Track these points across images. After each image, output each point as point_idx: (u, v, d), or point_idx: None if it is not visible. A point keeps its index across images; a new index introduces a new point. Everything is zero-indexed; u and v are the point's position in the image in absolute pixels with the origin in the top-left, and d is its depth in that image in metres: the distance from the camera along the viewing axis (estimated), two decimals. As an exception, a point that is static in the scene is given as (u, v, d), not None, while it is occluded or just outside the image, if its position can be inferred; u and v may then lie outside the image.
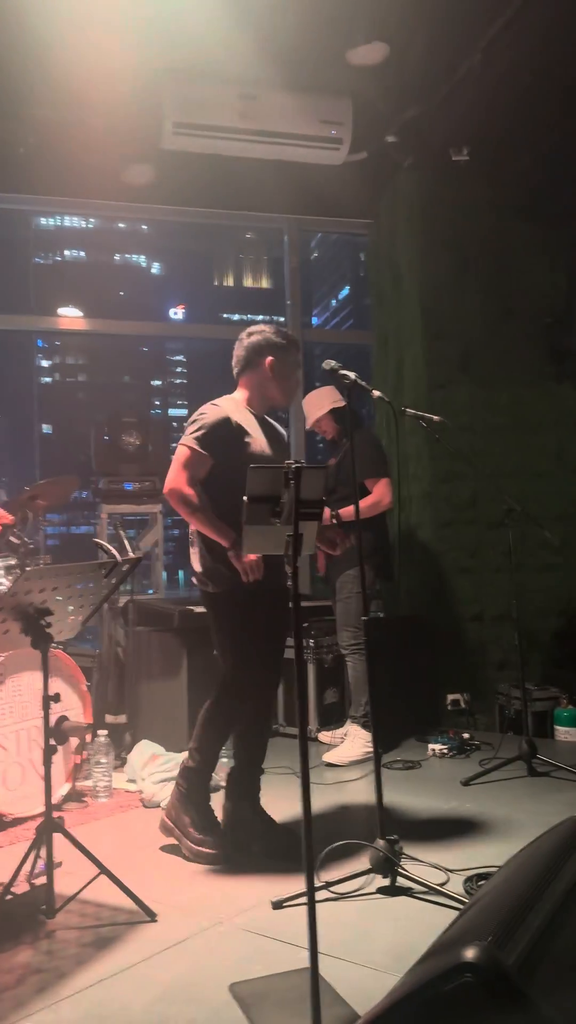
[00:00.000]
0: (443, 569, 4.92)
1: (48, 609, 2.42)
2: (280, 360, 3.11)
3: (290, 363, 3.16)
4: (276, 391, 3.13)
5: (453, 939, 1.47)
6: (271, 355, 3.10)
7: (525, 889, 1.56)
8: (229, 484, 2.84)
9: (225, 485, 2.88)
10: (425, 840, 3.00)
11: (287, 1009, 1.91)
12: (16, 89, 4.50)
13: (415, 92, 4.66)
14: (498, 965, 1.25)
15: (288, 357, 3.15)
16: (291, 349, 3.16)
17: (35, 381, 51.99)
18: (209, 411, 3.01)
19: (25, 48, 4.15)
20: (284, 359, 3.13)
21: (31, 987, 2.07)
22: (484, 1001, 1.26)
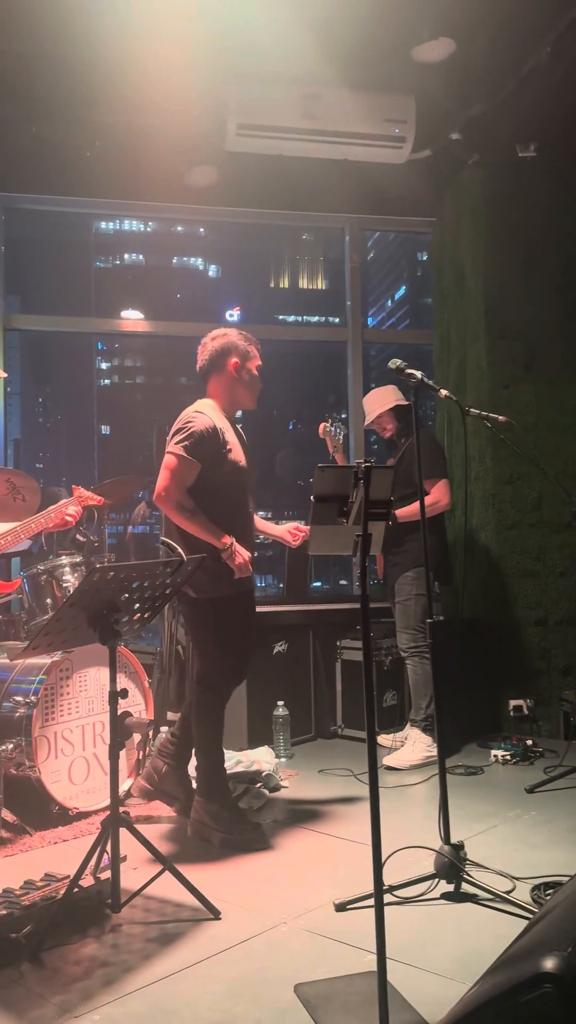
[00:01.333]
0: (506, 572, 4.84)
1: (116, 606, 2.45)
2: (244, 361, 3.25)
3: (253, 365, 3.28)
4: (243, 393, 3.27)
5: (528, 948, 1.43)
6: (235, 357, 3.23)
7: (603, 900, 1.51)
8: (211, 490, 3.08)
9: (207, 491, 3.06)
10: (490, 847, 2.95)
11: (353, 1012, 1.90)
12: (83, 94, 4.58)
13: (481, 88, 4.60)
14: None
15: (251, 359, 3.28)
16: (253, 351, 3.28)
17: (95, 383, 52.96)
18: (196, 419, 3.10)
19: (92, 54, 4.21)
20: (247, 361, 3.26)
21: (98, 980, 2.10)
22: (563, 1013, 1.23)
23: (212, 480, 3.08)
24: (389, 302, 50.36)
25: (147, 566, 2.54)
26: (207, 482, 3.06)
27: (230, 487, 3.14)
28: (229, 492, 3.14)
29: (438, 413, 5.52)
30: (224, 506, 3.11)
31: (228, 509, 3.13)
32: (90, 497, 3.25)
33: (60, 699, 3.35)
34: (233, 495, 3.17)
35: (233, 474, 3.14)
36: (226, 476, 3.12)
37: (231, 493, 3.15)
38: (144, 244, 53.74)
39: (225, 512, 3.10)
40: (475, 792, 3.65)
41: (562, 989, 1.21)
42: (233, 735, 4.14)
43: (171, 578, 2.64)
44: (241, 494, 3.20)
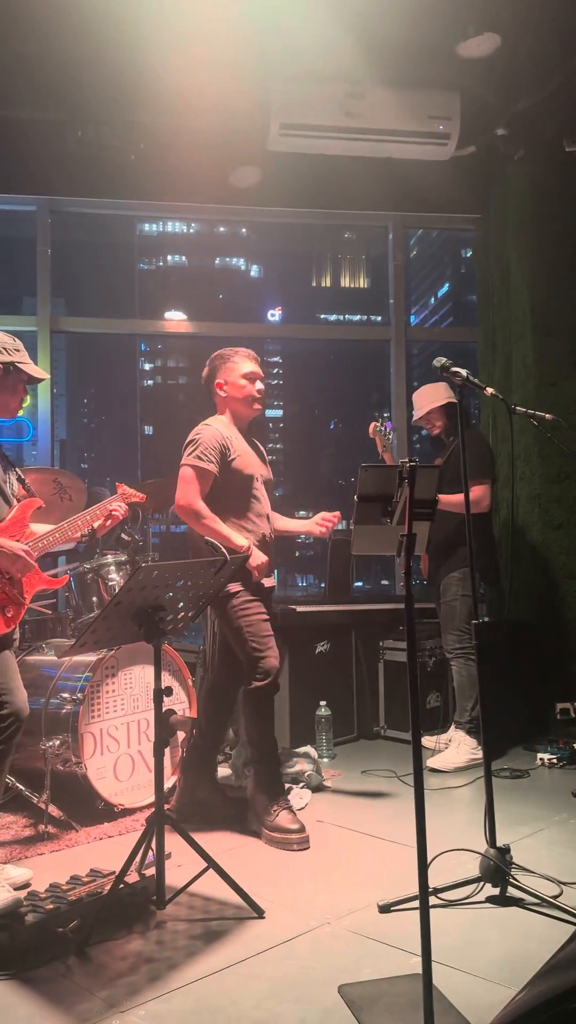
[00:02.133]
0: (553, 573, 4.77)
1: (161, 604, 2.47)
2: (226, 376, 3.35)
3: (236, 375, 3.34)
4: (237, 405, 3.36)
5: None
6: (219, 377, 3.36)
7: None
8: (219, 497, 3.23)
9: (215, 498, 3.21)
10: (536, 850, 2.91)
11: (398, 1014, 1.89)
12: (128, 98, 4.62)
13: (527, 83, 4.54)
14: (631, 986, 1.20)
15: (234, 371, 3.34)
16: (234, 361, 3.35)
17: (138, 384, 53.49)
18: (204, 431, 3.26)
19: (136, 58, 4.25)
20: (231, 374, 3.34)
21: (143, 975, 2.12)
22: (614, 1022, 1.21)
23: (220, 487, 3.23)
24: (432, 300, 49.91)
25: (191, 565, 2.55)
26: (215, 489, 3.21)
27: (238, 494, 3.26)
28: (237, 499, 3.26)
29: (483, 412, 5.46)
30: (232, 513, 3.25)
31: (236, 516, 3.26)
32: (133, 494, 3.27)
33: (106, 696, 3.39)
34: (241, 502, 3.28)
35: (241, 482, 3.26)
36: (234, 484, 3.25)
37: (239, 500, 3.27)
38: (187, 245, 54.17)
39: (234, 519, 3.24)
40: (521, 795, 3.60)
41: (613, 997, 1.19)
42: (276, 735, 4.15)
43: (215, 577, 2.66)
44: (249, 501, 3.29)
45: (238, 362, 3.36)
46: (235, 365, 3.36)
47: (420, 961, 1.74)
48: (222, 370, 3.38)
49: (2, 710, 2.56)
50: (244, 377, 3.35)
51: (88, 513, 2.99)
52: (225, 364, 3.37)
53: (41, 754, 3.17)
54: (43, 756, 3.16)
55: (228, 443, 3.25)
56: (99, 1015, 1.94)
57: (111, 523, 3.03)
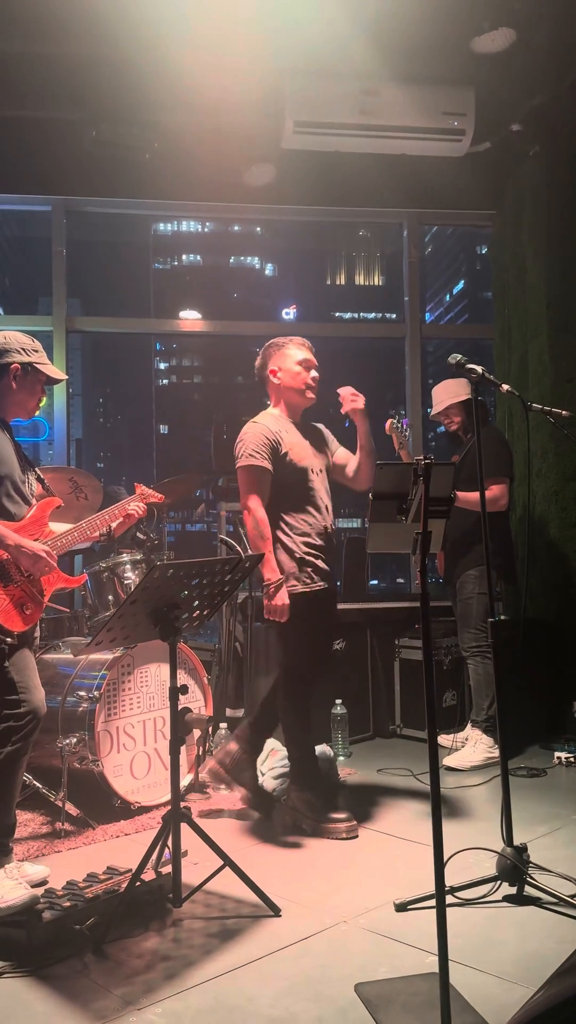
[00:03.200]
0: (570, 570, 4.74)
1: (176, 603, 2.47)
2: (279, 363, 3.29)
3: (290, 362, 3.28)
4: (290, 395, 3.29)
5: (596, 955, 1.41)
6: (272, 365, 3.31)
7: None
8: (274, 495, 3.19)
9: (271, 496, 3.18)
10: (553, 849, 2.90)
11: (415, 1013, 1.88)
12: (142, 97, 4.63)
13: (542, 77, 4.52)
14: None
15: (287, 358, 3.28)
16: (288, 349, 3.29)
17: (153, 383, 53.77)
18: (249, 430, 3.22)
19: (151, 57, 4.26)
20: (284, 361, 3.29)
21: (160, 973, 2.12)
22: (633, 1023, 1.20)
23: (275, 483, 3.19)
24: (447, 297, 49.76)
25: (206, 563, 2.55)
26: (272, 486, 3.18)
27: (293, 488, 3.21)
28: (292, 494, 3.21)
29: (499, 409, 5.44)
30: (290, 508, 3.20)
31: (294, 511, 3.21)
32: (152, 494, 3.28)
33: (122, 694, 3.40)
34: (297, 496, 3.23)
35: (295, 476, 3.21)
36: (288, 478, 3.20)
37: (295, 495, 3.22)
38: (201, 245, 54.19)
39: (293, 514, 3.19)
40: (538, 794, 3.58)
41: (632, 998, 1.18)
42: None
43: (230, 575, 2.66)
44: (306, 494, 3.25)
45: (292, 349, 3.31)
46: (289, 352, 3.31)
47: (437, 960, 1.74)
48: (275, 357, 3.33)
49: (20, 708, 2.57)
50: (299, 364, 3.29)
51: (107, 512, 3.00)
52: (279, 351, 3.32)
53: (58, 752, 3.19)
54: (60, 754, 3.18)
55: (278, 437, 3.20)
56: (116, 1012, 1.95)
57: (129, 523, 3.04)
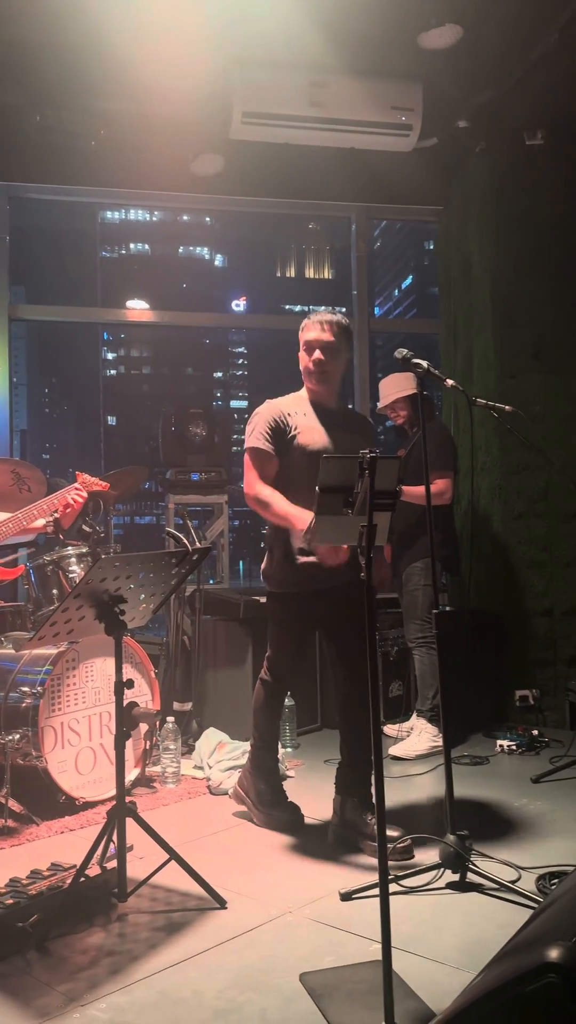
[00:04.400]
0: (512, 563, 4.83)
1: (122, 596, 2.45)
2: (304, 335, 3.08)
3: (301, 344, 3.09)
4: (305, 379, 3.13)
5: (533, 938, 1.44)
6: (301, 339, 3.11)
7: (608, 890, 1.51)
8: (283, 480, 3.00)
9: (279, 481, 3.01)
10: (495, 837, 2.96)
11: (359, 1001, 1.90)
12: (88, 83, 4.55)
13: (488, 75, 4.56)
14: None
15: (301, 339, 3.09)
16: (305, 331, 3.08)
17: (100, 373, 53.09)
18: (257, 411, 3.09)
19: (97, 42, 4.19)
20: (307, 332, 3.08)
21: (104, 968, 2.11)
22: (567, 1003, 1.23)
23: (284, 467, 3.00)
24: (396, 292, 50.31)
25: (152, 556, 2.54)
26: (282, 470, 3.01)
27: (301, 473, 2.90)
28: (301, 479, 2.86)
29: (445, 403, 5.50)
30: (300, 494, 2.86)
31: (304, 496, 2.80)
32: (95, 482, 3.23)
33: (67, 689, 3.36)
34: (307, 482, 2.71)
35: (304, 460, 2.94)
36: (296, 462, 2.97)
37: (304, 480, 2.80)
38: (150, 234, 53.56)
39: (300, 501, 2.86)
40: (481, 782, 3.65)
41: (566, 979, 1.21)
42: (239, 725, 4.15)
43: (177, 568, 2.64)
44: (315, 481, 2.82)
45: (303, 332, 3.09)
46: (302, 334, 3.10)
47: (381, 948, 1.76)
48: (301, 339, 3.11)
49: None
50: (303, 348, 3.09)
51: (45, 502, 2.95)
52: (301, 332, 3.11)
53: (0, 748, 3.14)
54: (3, 750, 3.13)
55: (286, 419, 3.01)
56: (59, 1009, 1.93)
57: (73, 513, 3.00)
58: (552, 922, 1.49)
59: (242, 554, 40.40)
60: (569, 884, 1.73)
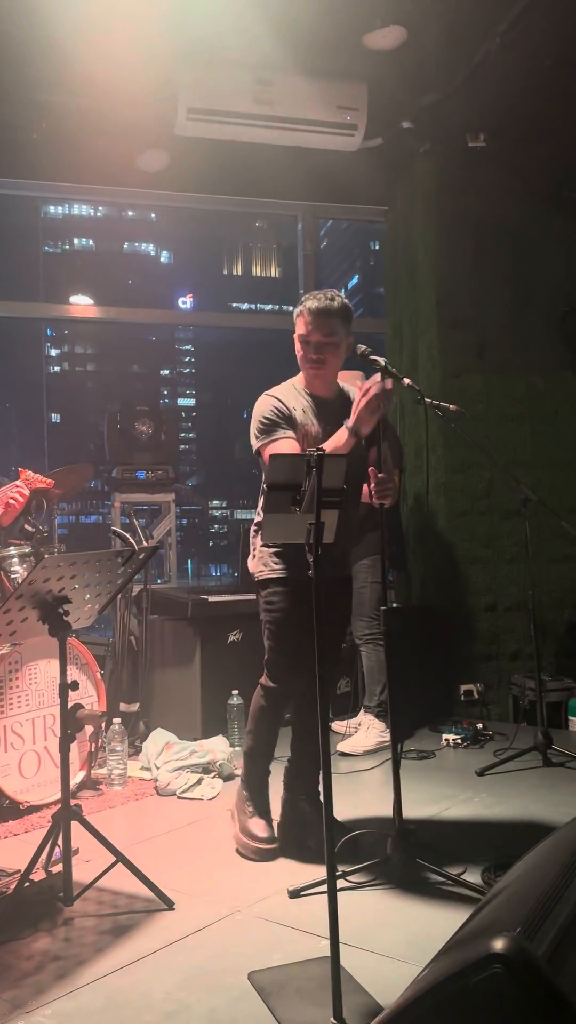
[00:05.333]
0: (457, 559, 4.90)
1: (66, 597, 2.41)
2: (298, 329, 2.84)
3: (303, 331, 2.82)
4: (301, 367, 2.89)
5: (478, 930, 1.46)
6: (296, 330, 2.86)
7: (551, 880, 1.54)
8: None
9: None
10: (442, 830, 3.00)
11: (307, 998, 1.91)
12: (30, 74, 4.46)
13: (432, 77, 4.61)
14: (528, 956, 1.24)
15: (300, 324, 2.83)
16: (297, 317, 2.83)
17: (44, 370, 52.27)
18: (258, 403, 2.86)
19: (40, 33, 4.11)
20: (300, 327, 2.84)
21: (50, 974, 2.08)
22: (513, 993, 1.25)
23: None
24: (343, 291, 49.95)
25: (98, 556, 2.50)
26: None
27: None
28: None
29: (391, 402, 5.55)
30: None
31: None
32: (38, 480, 3.16)
33: (9, 692, 3.30)
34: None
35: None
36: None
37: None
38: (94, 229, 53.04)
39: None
40: (427, 776, 3.69)
41: (511, 969, 1.23)
42: (187, 726, 4.13)
43: (123, 567, 2.61)
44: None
45: (298, 321, 2.85)
46: (297, 323, 2.85)
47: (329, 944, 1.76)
48: (296, 324, 2.86)
49: None
50: (299, 340, 2.85)
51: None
52: (294, 320, 2.87)
53: None
54: (-56, 755, 3.05)
55: (285, 408, 2.81)
56: (4, 1017, 1.89)
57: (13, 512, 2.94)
58: (497, 913, 1.51)
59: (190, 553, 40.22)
60: (513, 876, 1.76)
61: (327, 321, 2.80)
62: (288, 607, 2.83)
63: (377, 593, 4.07)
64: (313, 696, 2.90)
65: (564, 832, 1.86)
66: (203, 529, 44.20)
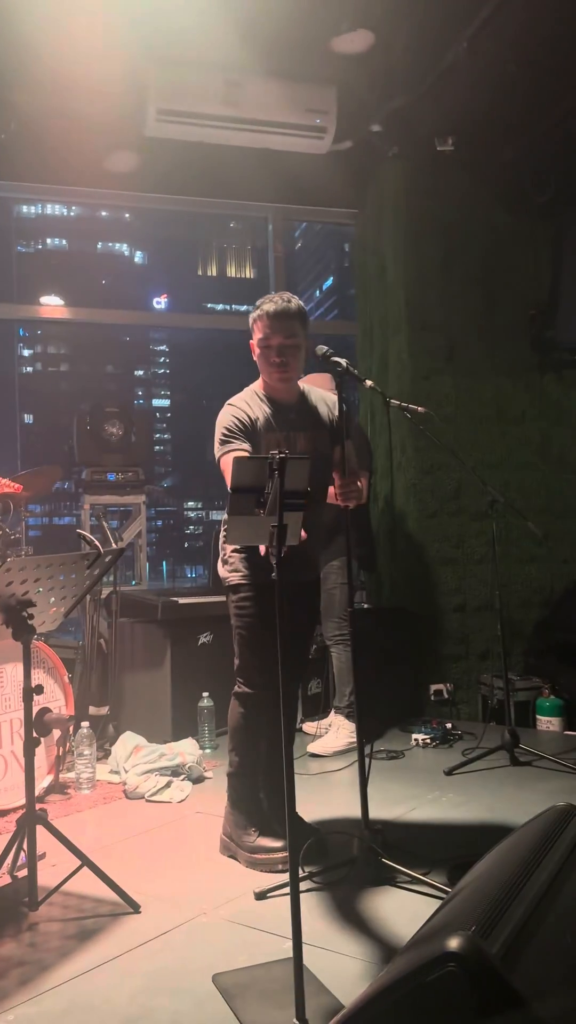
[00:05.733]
0: (427, 560, 4.93)
1: (30, 600, 2.40)
2: (256, 334, 2.82)
3: (261, 335, 2.79)
4: (262, 372, 2.86)
5: (436, 929, 1.47)
6: (253, 335, 2.84)
7: (508, 879, 1.56)
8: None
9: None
10: (409, 830, 3.02)
11: (271, 999, 1.91)
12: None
13: (400, 81, 4.63)
14: (482, 955, 1.25)
15: (256, 332, 2.81)
16: (257, 320, 2.80)
17: (16, 370, 51.82)
18: (220, 416, 2.82)
19: (8, 33, 4.09)
20: (255, 335, 2.83)
21: (13, 979, 2.06)
22: (467, 991, 1.27)
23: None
24: (317, 292, 50.56)
25: (63, 558, 2.49)
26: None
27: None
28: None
29: (362, 403, 5.57)
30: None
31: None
32: (6, 484, 3.14)
33: (-24, 696, 3.27)
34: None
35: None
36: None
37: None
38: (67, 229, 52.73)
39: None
40: (396, 775, 3.72)
41: (465, 967, 1.25)
42: (156, 729, 4.12)
43: (89, 570, 2.60)
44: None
45: (256, 325, 2.81)
46: (255, 326, 2.81)
47: (291, 945, 1.77)
48: (254, 327, 2.82)
49: None
50: (259, 344, 2.81)
51: None
52: (251, 324, 2.83)
53: None
54: None
55: (246, 416, 2.78)
56: (-35, 1025, 1.88)
57: None
58: (454, 912, 1.53)
59: (165, 555, 40.03)
60: (473, 875, 1.78)
61: (287, 323, 2.78)
62: (258, 611, 2.81)
63: (346, 594, 4.08)
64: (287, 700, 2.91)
65: (524, 831, 1.88)
66: (178, 531, 44.13)
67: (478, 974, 1.25)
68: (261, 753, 2.88)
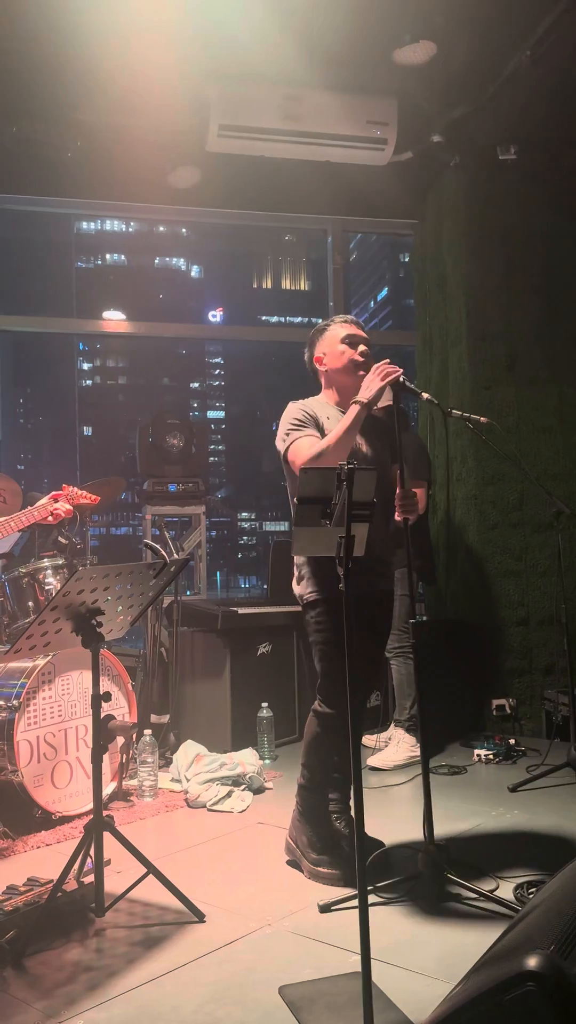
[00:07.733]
0: (489, 572, 4.87)
1: (99, 608, 2.44)
2: (324, 348, 2.95)
3: (334, 343, 2.92)
4: (340, 377, 2.92)
5: (512, 947, 1.44)
6: (317, 352, 2.98)
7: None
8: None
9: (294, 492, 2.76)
10: (473, 846, 2.97)
11: (338, 1013, 1.90)
12: (65, 95, 4.56)
13: (462, 91, 4.62)
14: (562, 974, 1.23)
15: (335, 340, 2.93)
16: (334, 329, 2.95)
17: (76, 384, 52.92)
18: (288, 411, 2.87)
19: (75, 55, 4.20)
20: (327, 344, 2.94)
21: (82, 985, 2.09)
22: (546, 1011, 1.24)
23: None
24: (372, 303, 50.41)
25: (130, 568, 2.53)
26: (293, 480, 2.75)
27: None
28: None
29: (420, 414, 5.54)
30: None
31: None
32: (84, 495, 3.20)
33: (42, 703, 3.33)
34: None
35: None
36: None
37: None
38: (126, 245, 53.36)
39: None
40: (458, 791, 3.66)
41: (544, 987, 1.22)
42: (216, 738, 4.14)
43: (155, 580, 2.64)
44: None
45: (335, 328, 2.96)
46: (333, 333, 2.95)
47: (360, 959, 1.75)
48: (319, 343, 2.98)
49: None
50: (343, 342, 2.92)
51: (36, 510, 2.94)
52: (322, 335, 2.98)
53: (-24, 762, 3.10)
54: (-22, 764, 3.09)
55: (316, 419, 2.83)
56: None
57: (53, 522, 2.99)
58: (530, 931, 1.50)
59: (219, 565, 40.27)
60: (546, 893, 1.74)
61: (362, 332, 2.96)
62: (339, 626, 2.78)
63: (406, 606, 4.05)
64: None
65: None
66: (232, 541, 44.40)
67: (557, 994, 1.22)
68: (331, 771, 2.84)
